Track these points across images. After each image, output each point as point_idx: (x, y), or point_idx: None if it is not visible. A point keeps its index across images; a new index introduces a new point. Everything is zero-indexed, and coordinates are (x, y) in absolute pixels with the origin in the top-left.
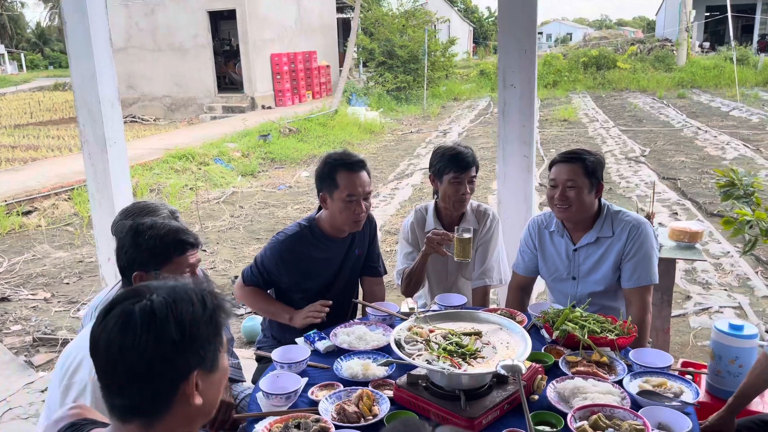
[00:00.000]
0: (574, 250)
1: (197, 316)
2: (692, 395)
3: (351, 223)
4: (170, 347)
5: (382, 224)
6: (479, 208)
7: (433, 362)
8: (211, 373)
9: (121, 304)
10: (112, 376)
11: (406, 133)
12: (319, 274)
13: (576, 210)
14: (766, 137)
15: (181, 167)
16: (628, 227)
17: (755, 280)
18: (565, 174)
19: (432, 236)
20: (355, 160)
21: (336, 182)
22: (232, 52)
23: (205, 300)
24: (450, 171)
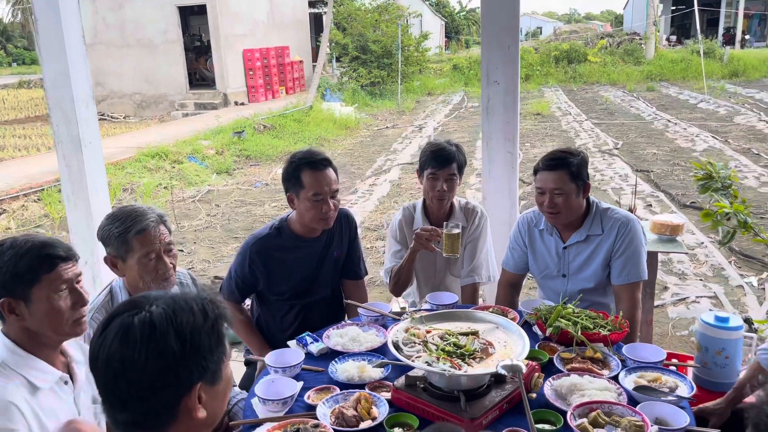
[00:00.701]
0: (564, 248)
1: (198, 327)
2: (687, 389)
3: (319, 222)
4: (172, 359)
5: (362, 221)
6: (467, 206)
7: (433, 364)
8: (215, 385)
9: (120, 317)
10: (113, 391)
11: (382, 128)
12: (293, 275)
13: (565, 215)
14: (733, 129)
15: (154, 166)
16: (617, 225)
17: (729, 269)
18: (552, 182)
19: (420, 232)
20: (320, 158)
21: (301, 182)
22: (203, 48)
23: (206, 309)
24: (428, 167)
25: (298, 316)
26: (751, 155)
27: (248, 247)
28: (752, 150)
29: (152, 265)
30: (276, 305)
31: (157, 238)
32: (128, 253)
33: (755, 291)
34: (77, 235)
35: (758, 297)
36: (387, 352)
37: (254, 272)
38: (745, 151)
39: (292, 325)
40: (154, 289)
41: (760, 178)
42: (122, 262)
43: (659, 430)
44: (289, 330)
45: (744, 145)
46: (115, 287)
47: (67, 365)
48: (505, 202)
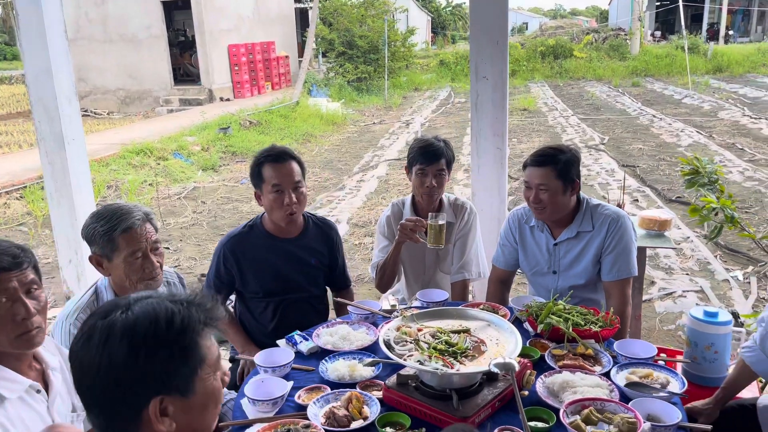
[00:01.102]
0: (555, 244)
1: (158, 337)
2: (679, 385)
3: (283, 216)
4: (122, 369)
5: (349, 217)
6: (456, 202)
7: (425, 362)
8: (187, 398)
9: (95, 317)
10: (80, 393)
11: (369, 124)
12: (265, 274)
13: (550, 211)
14: (718, 124)
15: (138, 162)
16: (607, 221)
17: (715, 264)
18: (537, 178)
19: (405, 223)
20: (279, 151)
21: (262, 176)
22: (187, 43)
23: (173, 319)
24: (417, 162)
25: (276, 313)
26: (735, 150)
27: (222, 245)
28: (736, 145)
29: (138, 264)
30: (253, 302)
31: (144, 236)
32: (114, 252)
33: (741, 285)
34: (61, 233)
35: (744, 291)
36: (378, 351)
37: (229, 270)
38: (730, 146)
39: (271, 322)
40: (140, 288)
41: (744, 173)
42: (108, 261)
43: (652, 427)
44: (268, 327)
45: (728, 140)
46: (100, 287)
47: (42, 373)
48: (494, 198)
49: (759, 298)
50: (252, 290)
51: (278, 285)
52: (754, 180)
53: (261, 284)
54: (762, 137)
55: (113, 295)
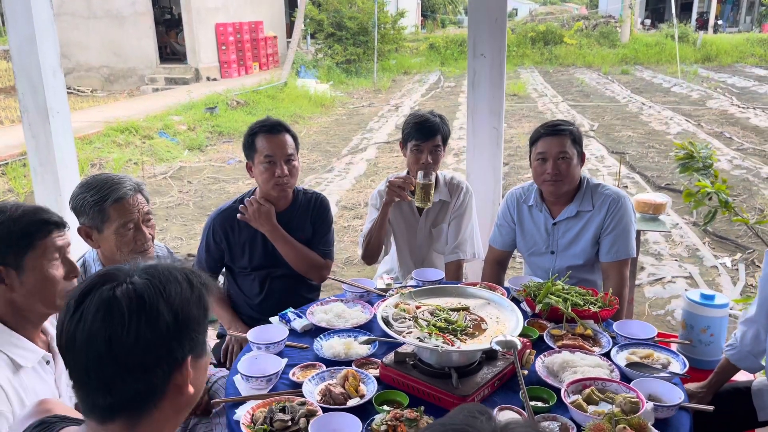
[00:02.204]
0: (554, 224)
1: (187, 297)
2: (680, 366)
3: (274, 187)
4: (165, 333)
5: (338, 199)
6: (452, 181)
7: (425, 339)
8: (201, 358)
9: (98, 291)
10: (96, 373)
11: (358, 106)
12: (252, 248)
13: (567, 183)
14: (706, 113)
15: (123, 141)
16: (608, 201)
17: (703, 250)
18: (557, 146)
19: (394, 180)
20: (273, 122)
21: (255, 147)
22: (173, 21)
23: (191, 279)
24: (412, 138)
25: (263, 287)
26: (723, 139)
27: (211, 219)
28: (724, 134)
29: (130, 235)
30: (241, 277)
31: (136, 207)
32: (104, 223)
33: (729, 271)
34: None
35: (732, 277)
36: (373, 329)
37: (218, 244)
38: (718, 134)
39: (258, 296)
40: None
41: (732, 161)
42: (97, 233)
43: (654, 407)
44: (255, 301)
45: (716, 128)
46: (88, 260)
47: (47, 344)
48: (489, 179)
49: (747, 285)
50: (240, 265)
51: (266, 259)
52: (742, 168)
53: (249, 258)
54: (750, 126)
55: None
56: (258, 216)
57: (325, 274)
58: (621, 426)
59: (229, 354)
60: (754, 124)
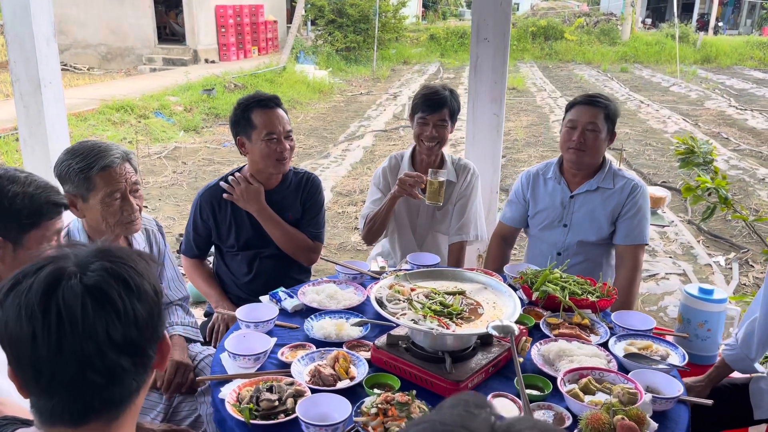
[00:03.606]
0: (571, 196)
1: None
2: (679, 358)
3: (275, 164)
4: (154, 309)
5: (334, 185)
6: (460, 162)
7: (420, 322)
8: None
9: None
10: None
11: (356, 94)
12: (240, 227)
13: (590, 155)
14: (704, 113)
15: (119, 119)
16: (630, 184)
17: (697, 248)
18: (587, 116)
19: (405, 177)
20: (269, 96)
21: (252, 122)
22: (173, 2)
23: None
24: (419, 110)
25: (252, 267)
26: (720, 139)
27: (199, 196)
28: (722, 134)
29: (117, 205)
30: (229, 256)
31: (123, 176)
32: (90, 191)
33: (722, 270)
34: None
35: (725, 276)
36: (366, 311)
37: (205, 222)
38: (715, 134)
39: (246, 276)
40: (118, 232)
41: (729, 162)
42: (82, 202)
43: (653, 399)
44: (243, 280)
45: (714, 129)
46: (73, 230)
47: None
48: (488, 166)
49: (740, 284)
50: (228, 244)
51: (254, 239)
52: (739, 169)
53: (236, 237)
54: (747, 128)
55: (86, 239)
56: (246, 195)
57: (314, 257)
58: (619, 417)
59: (215, 333)
60: (751, 126)
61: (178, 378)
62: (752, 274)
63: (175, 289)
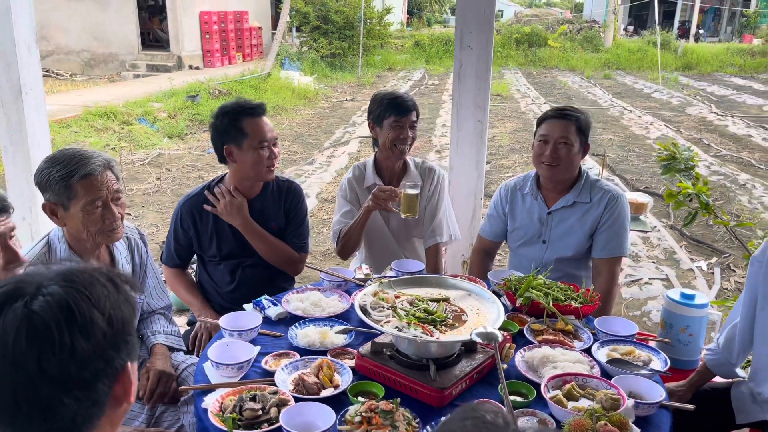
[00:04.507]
0: (548, 213)
1: (115, 299)
2: (662, 364)
3: (266, 171)
4: (102, 342)
5: (319, 191)
6: (423, 165)
7: (404, 329)
8: (134, 362)
9: (9, 309)
10: (30, 401)
11: (341, 100)
12: (222, 236)
13: (564, 169)
14: (685, 119)
15: (101, 126)
16: (607, 196)
17: (680, 253)
18: (559, 131)
19: (378, 192)
20: (257, 104)
21: (243, 131)
22: (157, 7)
23: (113, 279)
24: (390, 115)
25: (234, 276)
26: (701, 145)
27: (179, 206)
28: (703, 140)
29: (98, 213)
30: (211, 265)
31: (104, 184)
32: (71, 199)
33: (705, 275)
34: (15, 191)
35: (707, 281)
36: (350, 319)
37: (186, 232)
38: (696, 140)
39: (229, 285)
40: (99, 241)
41: (710, 167)
42: (63, 210)
43: (635, 404)
44: (226, 289)
45: (695, 135)
46: (53, 238)
47: None
48: (471, 173)
49: (722, 288)
50: (209, 254)
51: (236, 248)
52: (720, 174)
53: (218, 247)
54: (728, 134)
55: (67, 248)
56: (230, 209)
57: (300, 267)
58: (602, 422)
59: (198, 341)
60: (732, 132)
61: (160, 387)
62: (734, 279)
63: (157, 298)
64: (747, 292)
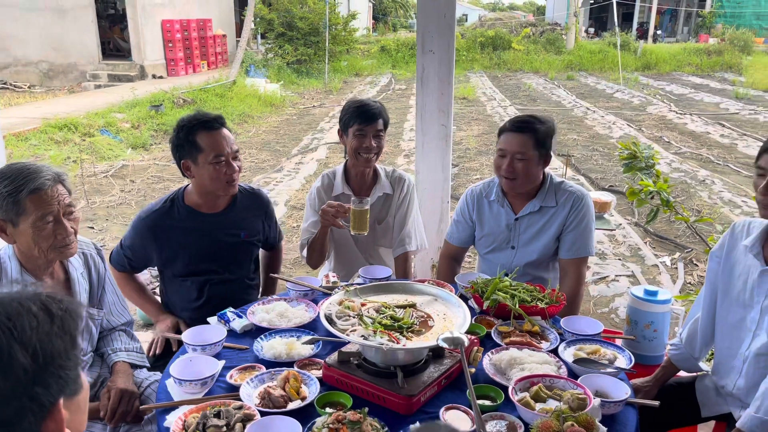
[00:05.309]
0: (516, 219)
1: (46, 330)
2: (626, 361)
3: (224, 187)
4: (24, 379)
5: (288, 199)
6: (394, 174)
7: (370, 338)
8: (76, 395)
9: None
10: None
11: (309, 107)
12: (188, 252)
13: (521, 182)
14: (646, 118)
15: (62, 138)
16: (572, 198)
17: (645, 249)
18: (516, 145)
19: (326, 209)
20: (213, 117)
21: (198, 145)
22: (117, 16)
23: (49, 307)
24: (355, 123)
25: (202, 292)
26: (662, 143)
27: (140, 220)
28: (663, 138)
29: (50, 229)
30: (176, 282)
31: (55, 198)
32: (20, 216)
33: (669, 270)
34: None
35: (671, 276)
36: (317, 328)
37: (146, 248)
38: (657, 138)
39: (196, 302)
40: (51, 258)
41: (671, 164)
42: (12, 227)
43: (602, 403)
44: (193, 306)
45: (656, 133)
46: (3, 257)
47: None
48: (438, 176)
49: (686, 283)
50: (174, 270)
51: (204, 264)
52: (681, 171)
53: (184, 264)
54: (687, 131)
55: (18, 266)
56: None
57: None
58: (569, 423)
59: (154, 348)
60: (691, 130)
61: (122, 406)
62: (696, 273)
63: (117, 314)
64: (707, 287)
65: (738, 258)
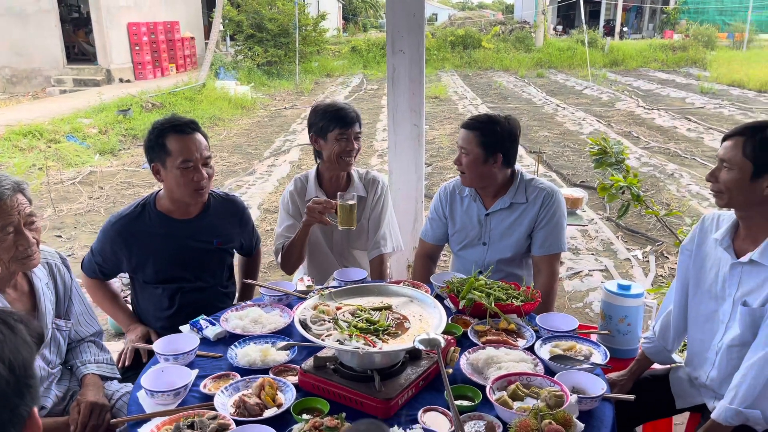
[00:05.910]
0: (486, 214)
1: (13, 342)
2: (602, 357)
3: (192, 193)
4: (6, 391)
5: (261, 202)
6: (367, 176)
7: (345, 342)
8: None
9: None
10: None
11: (280, 108)
12: (159, 259)
13: (469, 177)
14: (615, 114)
15: (26, 145)
16: (542, 195)
17: (617, 244)
18: (461, 140)
19: (313, 205)
20: (185, 121)
21: (166, 148)
22: (82, 20)
23: (7, 320)
24: (335, 128)
25: (174, 300)
26: (631, 138)
27: (110, 225)
28: (632, 133)
29: (10, 240)
30: (147, 289)
31: (15, 208)
32: None
33: (641, 263)
34: None
35: (643, 269)
36: (293, 334)
37: (115, 253)
38: (626, 134)
39: (168, 310)
40: (14, 269)
41: (640, 159)
42: None
43: (579, 399)
44: (164, 314)
45: (625, 128)
46: None
47: None
48: (411, 176)
49: (657, 275)
50: (144, 277)
51: (175, 272)
52: (650, 165)
53: (155, 271)
54: (655, 126)
55: None
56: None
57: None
58: (546, 421)
59: (123, 359)
60: (659, 124)
61: (93, 420)
62: (667, 266)
63: (86, 324)
64: (678, 280)
65: (708, 251)
